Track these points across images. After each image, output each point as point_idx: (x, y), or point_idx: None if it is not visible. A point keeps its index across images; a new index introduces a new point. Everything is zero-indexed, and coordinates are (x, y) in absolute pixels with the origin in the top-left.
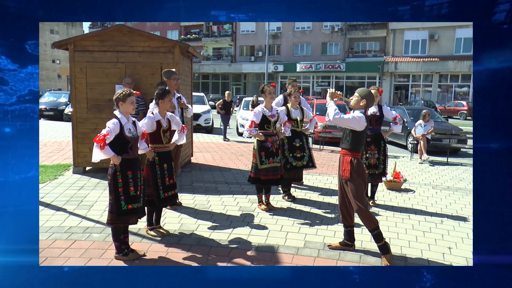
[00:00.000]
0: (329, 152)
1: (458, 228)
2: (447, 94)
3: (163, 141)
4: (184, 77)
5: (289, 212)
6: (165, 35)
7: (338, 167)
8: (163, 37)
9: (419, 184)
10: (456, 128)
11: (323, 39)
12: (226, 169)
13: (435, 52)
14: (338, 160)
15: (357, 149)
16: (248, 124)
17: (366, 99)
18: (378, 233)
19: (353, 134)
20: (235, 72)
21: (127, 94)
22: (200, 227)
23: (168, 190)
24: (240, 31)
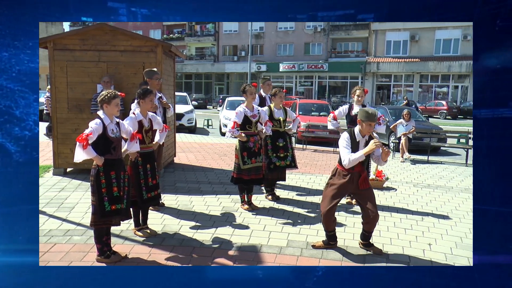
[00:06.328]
0: (312, 152)
1: (438, 225)
2: (428, 94)
3: (145, 141)
4: (166, 77)
5: (272, 212)
6: (147, 34)
7: (345, 182)
8: (146, 36)
9: (401, 182)
10: (436, 127)
11: (306, 39)
12: (209, 169)
13: (416, 52)
14: (346, 176)
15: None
16: (230, 125)
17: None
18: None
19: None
20: (218, 72)
21: (112, 96)
22: (183, 228)
23: (151, 191)
24: (223, 31)
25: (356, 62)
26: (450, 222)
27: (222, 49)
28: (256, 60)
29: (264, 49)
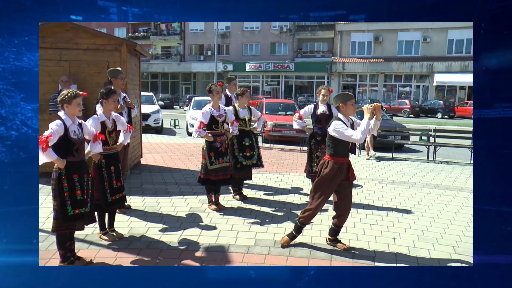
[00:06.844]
0: (279, 151)
1: (402, 219)
2: (392, 94)
3: (109, 143)
4: (132, 76)
5: (240, 211)
6: (112, 32)
7: (336, 173)
8: (109, 34)
9: (366, 179)
10: (400, 125)
11: (272, 39)
12: (176, 170)
13: (380, 53)
14: (338, 167)
15: None
16: (197, 125)
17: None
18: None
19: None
20: (184, 72)
21: (72, 95)
22: (150, 230)
23: (116, 193)
24: (189, 30)
25: (322, 62)
26: (413, 216)
27: (188, 48)
28: (222, 59)
29: (230, 48)
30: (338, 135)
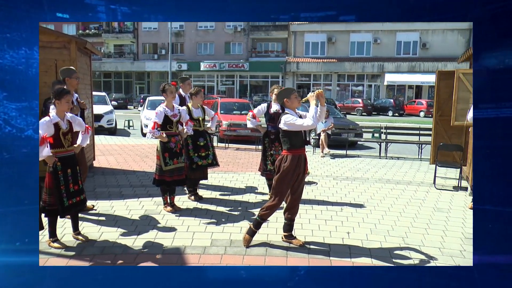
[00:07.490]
0: (234, 150)
1: (356, 214)
2: (345, 93)
3: (64, 145)
4: (82, 75)
5: (196, 212)
6: (60, 29)
7: (296, 166)
8: (57, 31)
9: (321, 176)
10: (353, 123)
11: (226, 38)
12: (131, 172)
13: (333, 53)
14: (296, 159)
15: None
16: (151, 126)
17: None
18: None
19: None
20: (138, 71)
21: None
22: (104, 235)
23: (73, 197)
24: (142, 28)
25: (276, 62)
26: (366, 211)
27: (141, 47)
28: (176, 59)
29: (184, 47)
30: (290, 128)
